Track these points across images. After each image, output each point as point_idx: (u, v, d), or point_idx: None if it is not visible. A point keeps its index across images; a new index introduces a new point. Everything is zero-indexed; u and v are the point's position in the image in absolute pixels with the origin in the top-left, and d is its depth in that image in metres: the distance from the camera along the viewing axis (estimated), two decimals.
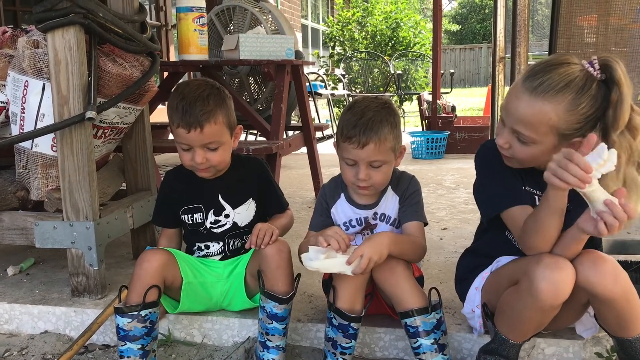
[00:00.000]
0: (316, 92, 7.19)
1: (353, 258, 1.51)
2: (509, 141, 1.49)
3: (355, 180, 1.67)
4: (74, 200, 1.97)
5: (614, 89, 1.35)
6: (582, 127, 1.40)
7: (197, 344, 1.91)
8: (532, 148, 1.45)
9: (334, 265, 1.53)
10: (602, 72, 1.38)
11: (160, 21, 6.53)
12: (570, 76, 1.38)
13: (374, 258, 1.52)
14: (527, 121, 1.42)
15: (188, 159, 1.77)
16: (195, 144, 1.73)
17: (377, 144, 1.61)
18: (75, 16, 1.85)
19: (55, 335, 2.00)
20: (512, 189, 1.56)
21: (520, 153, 1.48)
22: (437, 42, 6.07)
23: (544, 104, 1.38)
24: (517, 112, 1.43)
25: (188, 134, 1.71)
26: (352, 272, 1.52)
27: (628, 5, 2.30)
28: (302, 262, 1.58)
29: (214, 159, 1.77)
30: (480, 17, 27.24)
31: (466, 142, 5.67)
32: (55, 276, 2.31)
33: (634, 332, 1.43)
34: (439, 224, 3.01)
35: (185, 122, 1.69)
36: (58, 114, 1.92)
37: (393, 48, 11.55)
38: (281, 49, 3.24)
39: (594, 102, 1.37)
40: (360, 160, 1.64)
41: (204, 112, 1.70)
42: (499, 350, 1.52)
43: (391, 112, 1.68)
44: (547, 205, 1.35)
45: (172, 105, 1.74)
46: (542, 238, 1.41)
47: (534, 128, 1.41)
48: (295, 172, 4.81)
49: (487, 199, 1.64)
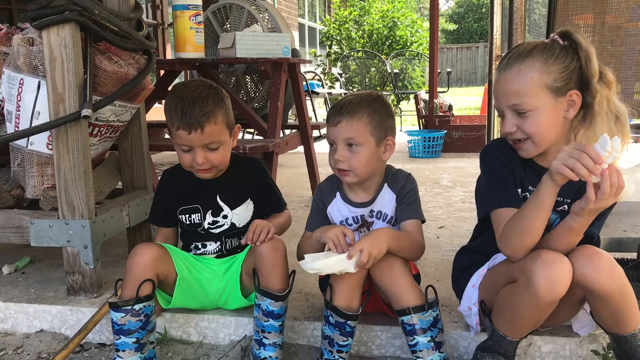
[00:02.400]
0: (313, 90, 7.19)
1: (353, 252, 1.51)
2: (514, 123, 1.51)
3: (334, 162, 1.69)
4: (69, 198, 1.97)
5: (577, 47, 1.48)
6: (567, 79, 1.47)
7: (193, 343, 1.90)
8: (536, 117, 1.48)
9: (335, 264, 1.53)
10: (563, 40, 1.50)
11: (157, 19, 6.52)
12: (533, 43, 1.52)
13: (373, 252, 1.52)
14: (515, 89, 1.48)
15: (189, 160, 1.77)
16: (196, 145, 1.73)
17: (349, 121, 1.65)
18: (70, 13, 1.85)
19: (51, 334, 1.99)
20: (504, 191, 1.57)
21: (528, 127, 1.49)
22: (434, 41, 6.07)
23: (520, 67, 1.48)
24: (504, 89, 1.51)
25: (189, 135, 1.70)
26: (354, 267, 1.52)
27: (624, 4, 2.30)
28: (303, 267, 1.58)
29: (215, 159, 1.77)
30: (477, 16, 27.27)
31: (463, 141, 5.68)
32: (51, 275, 2.31)
33: (629, 328, 1.43)
34: (435, 223, 3.01)
35: (186, 124, 1.69)
36: (54, 111, 1.91)
37: (390, 47, 11.55)
38: (278, 47, 3.23)
39: (565, 54, 1.48)
40: (336, 139, 1.68)
41: (204, 113, 1.69)
42: (496, 348, 1.52)
43: (375, 100, 1.70)
44: (537, 200, 1.38)
45: (170, 107, 1.73)
46: (521, 237, 1.43)
47: (525, 93, 1.47)
48: (292, 171, 4.81)
49: (479, 198, 1.67)
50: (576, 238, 1.40)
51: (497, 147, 1.64)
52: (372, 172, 1.73)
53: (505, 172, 1.59)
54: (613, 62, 2.32)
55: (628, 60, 2.30)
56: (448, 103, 6.61)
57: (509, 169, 1.59)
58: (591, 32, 2.34)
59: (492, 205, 1.57)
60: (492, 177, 1.62)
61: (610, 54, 2.30)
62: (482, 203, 1.65)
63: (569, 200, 1.51)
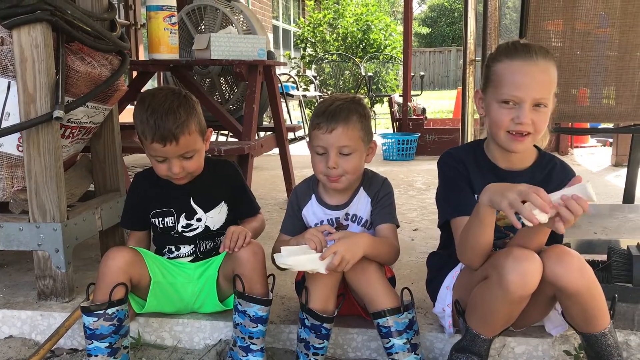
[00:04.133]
0: (288, 93, 7.18)
1: (327, 254, 1.51)
2: (530, 117, 1.52)
3: (326, 170, 1.67)
4: (40, 201, 1.93)
5: None
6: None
7: (167, 347, 1.88)
8: (546, 113, 1.53)
9: (307, 261, 1.53)
10: None
11: (130, 20, 6.44)
12: (539, 44, 1.60)
13: (346, 257, 1.52)
14: (547, 83, 1.53)
15: (164, 169, 1.75)
16: (171, 156, 1.72)
17: (344, 129, 1.63)
18: (42, 13, 1.81)
19: (21, 339, 1.95)
20: (462, 200, 1.60)
21: (540, 123, 1.53)
22: (408, 44, 6.12)
23: (547, 64, 1.53)
24: (538, 79, 1.52)
25: (164, 147, 1.69)
26: (325, 269, 1.52)
27: (593, 11, 2.35)
28: (274, 261, 1.57)
29: (191, 166, 1.77)
30: (450, 20, 27.57)
31: (436, 144, 5.73)
32: (21, 279, 2.26)
33: (599, 327, 1.47)
34: (410, 225, 3.03)
35: (160, 137, 1.67)
36: (24, 113, 1.88)
37: (364, 50, 11.61)
38: (253, 49, 3.22)
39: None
40: (329, 147, 1.65)
41: (178, 125, 1.68)
42: (470, 347, 1.54)
43: (360, 105, 1.70)
44: (477, 220, 1.44)
45: (141, 119, 1.70)
46: (471, 250, 1.50)
47: (548, 89, 1.53)
48: (268, 173, 4.80)
49: (439, 206, 1.70)
50: (545, 236, 1.45)
51: (452, 156, 1.69)
52: (360, 175, 1.74)
53: (459, 181, 1.63)
54: (583, 68, 2.37)
55: (597, 66, 2.35)
56: (421, 106, 6.65)
57: (464, 177, 1.62)
58: (561, 37, 2.39)
59: (448, 214, 1.63)
60: (447, 185, 1.67)
61: (580, 59, 2.35)
62: (440, 211, 1.69)
63: None
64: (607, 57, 2.37)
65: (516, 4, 5.43)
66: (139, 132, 1.74)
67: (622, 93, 2.38)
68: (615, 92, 2.40)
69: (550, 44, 2.31)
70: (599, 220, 2.34)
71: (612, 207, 2.74)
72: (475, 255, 1.50)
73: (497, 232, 1.52)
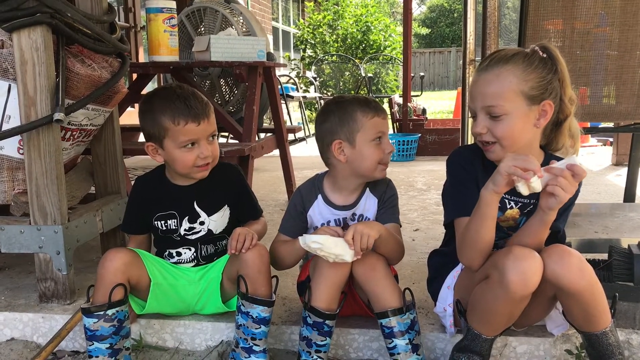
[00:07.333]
0: (288, 94, 7.19)
1: (348, 236, 1.52)
2: (485, 125, 1.53)
3: (385, 156, 1.70)
4: (41, 203, 1.93)
5: (556, 62, 1.53)
6: (543, 89, 1.51)
7: (169, 349, 1.88)
8: (508, 121, 1.51)
9: (334, 244, 1.53)
10: (542, 52, 1.53)
11: (129, 22, 6.45)
12: (515, 50, 1.56)
13: (365, 231, 1.53)
14: (492, 92, 1.51)
15: (192, 158, 1.74)
16: (203, 136, 1.74)
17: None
18: (42, 16, 1.82)
19: (22, 342, 1.95)
20: (465, 200, 1.59)
21: (499, 131, 1.52)
22: (408, 45, 6.13)
23: (501, 70, 1.51)
24: (481, 90, 1.54)
25: (198, 126, 1.71)
26: (350, 257, 1.54)
27: (592, 10, 2.36)
28: (301, 244, 1.56)
29: (215, 150, 1.79)
30: (449, 21, 27.61)
31: (436, 144, 5.74)
32: (22, 282, 2.26)
33: (600, 326, 1.47)
34: (411, 225, 3.03)
35: (194, 115, 1.70)
36: (25, 115, 1.88)
37: (364, 51, 11.63)
38: (253, 50, 3.23)
39: (544, 66, 1.51)
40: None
41: (205, 103, 1.74)
42: (471, 347, 1.54)
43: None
44: (479, 211, 1.45)
45: (168, 107, 1.70)
46: (471, 248, 1.50)
47: (500, 96, 1.50)
48: (268, 175, 4.80)
49: (445, 205, 1.70)
50: (545, 232, 1.45)
51: (461, 154, 1.69)
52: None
53: (467, 180, 1.62)
54: (583, 67, 2.38)
55: (597, 65, 2.36)
56: (422, 107, 6.66)
57: (472, 177, 1.62)
58: (561, 37, 2.39)
59: (453, 213, 1.63)
60: (454, 185, 1.67)
61: (580, 59, 2.36)
62: (446, 210, 1.69)
63: (534, 201, 1.55)
64: (607, 56, 2.38)
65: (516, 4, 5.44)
66: (164, 122, 1.71)
67: (622, 92, 2.39)
68: (616, 91, 2.40)
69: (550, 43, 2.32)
70: (599, 219, 2.34)
71: (612, 206, 2.74)
72: (475, 252, 1.50)
73: (499, 233, 1.53)
